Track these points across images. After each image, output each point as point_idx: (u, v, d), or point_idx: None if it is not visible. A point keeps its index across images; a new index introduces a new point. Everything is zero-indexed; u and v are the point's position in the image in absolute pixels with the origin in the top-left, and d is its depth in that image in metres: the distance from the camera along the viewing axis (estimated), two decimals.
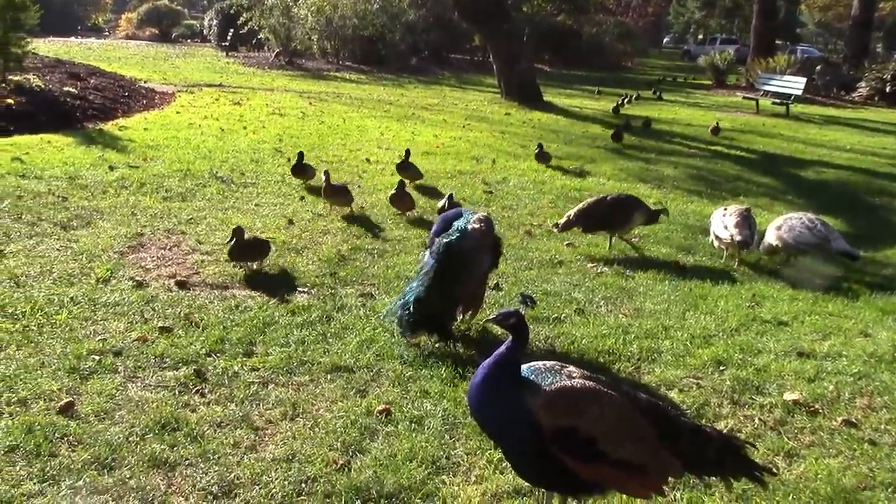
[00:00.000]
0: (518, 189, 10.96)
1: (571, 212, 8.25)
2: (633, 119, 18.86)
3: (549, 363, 3.47)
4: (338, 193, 9.05)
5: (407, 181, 9.93)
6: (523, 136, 16.20)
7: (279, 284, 6.59)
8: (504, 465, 4.02)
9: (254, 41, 36.28)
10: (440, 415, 4.60)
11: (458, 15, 27.70)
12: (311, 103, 19.82)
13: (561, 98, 24.88)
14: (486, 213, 6.04)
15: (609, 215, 8.10)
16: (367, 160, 12.41)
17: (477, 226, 5.73)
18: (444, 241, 5.62)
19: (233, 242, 6.76)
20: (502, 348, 3.38)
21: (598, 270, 7.54)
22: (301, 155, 10.38)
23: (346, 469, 3.98)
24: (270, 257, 7.07)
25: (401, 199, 9.09)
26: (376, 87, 26.77)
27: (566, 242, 8.37)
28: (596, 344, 5.74)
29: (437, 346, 5.55)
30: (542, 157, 12.93)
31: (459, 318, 5.91)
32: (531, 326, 5.88)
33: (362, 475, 3.93)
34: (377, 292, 6.54)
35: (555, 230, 8.41)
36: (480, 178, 11.56)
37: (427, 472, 4.02)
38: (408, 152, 10.95)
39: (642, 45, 50.46)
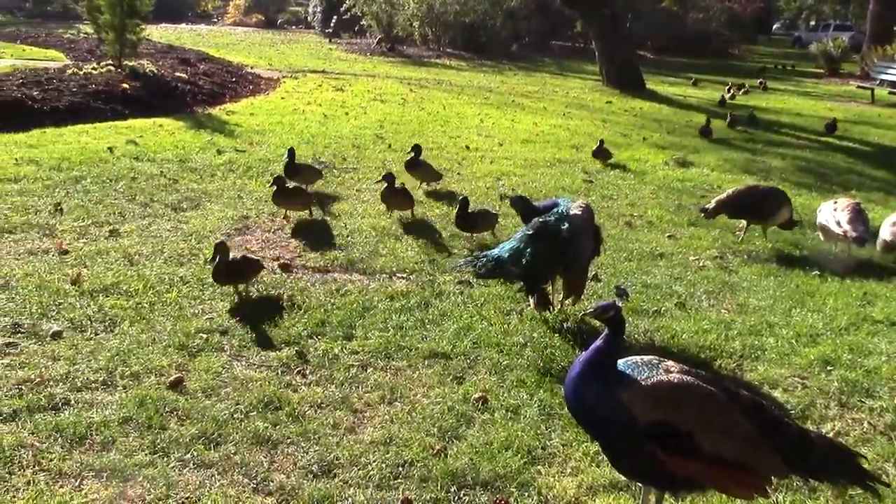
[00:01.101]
0: (618, 179, 10.81)
1: (720, 196, 8.35)
2: (737, 110, 18.31)
3: (646, 357, 3.42)
4: (397, 196, 8.16)
5: (419, 181, 9.52)
6: (625, 125, 15.96)
7: (378, 269, 6.68)
8: (601, 457, 3.99)
9: (356, 28, 36.71)
10: (536, 405, 4.59)
11: (560, 1, 27.39)
12: (411, 90, 19.96)
13: (664, 86, 24.37)
14: (585, 202, 5.99)
15: (759, 204, 8.13)
16: (467, 147, 12.44)
17: (578, 212, 5.69)
18: (541, 220, 5.64)
19: (217, 261, 5.72)
20: (599, 342, 3.35)
21: (701, 264, 7.38)
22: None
23: (442, 455, 4.02)
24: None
25: (391, 197, 8.08)
26: (476, 74, 26.75)
27: (667, 234, 8.22)
28: (697, 339, 5.63)
29: (533, 334, 5.52)
30: (601, 153, 11.76)
31: (550, 292, 5.92)
32: (630, 319, 5.85)
33: (458, 461, 3.96)
34: (475, 280, 6.56)
35: (702, 215, 8.38)
36: (580, 166, 11.44)
37: (523, 461, 4.02)
38: (417, 149, 9.45)
39: (749, 31, 48.88)
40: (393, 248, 7.22)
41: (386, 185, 8.12)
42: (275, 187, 7.63)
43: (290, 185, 8.04)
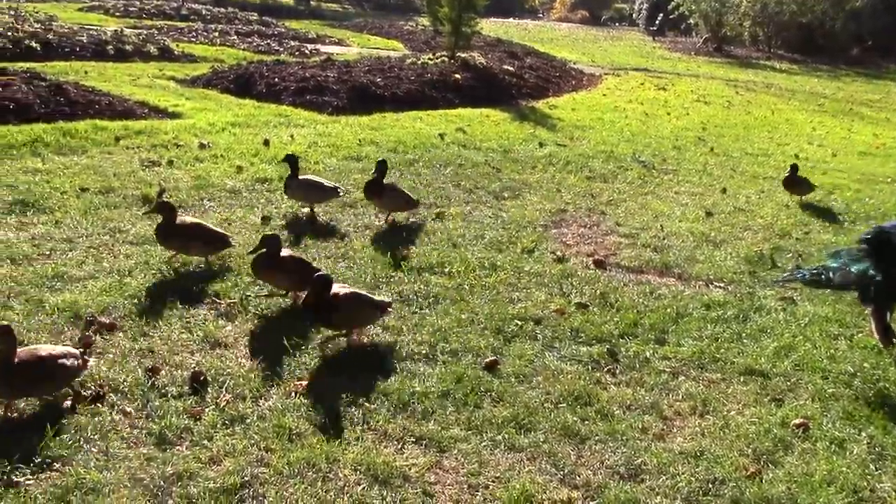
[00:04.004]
0: None
1: None
2: None
3: None
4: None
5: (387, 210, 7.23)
6: None
7: (695, 276, 6.48)
8: None
9: (682, 26, 35.85)
10: (865, 441, 4.22)
11: None
12: (737, 92, 19.15)
13: None
14: None
15: None
16: (796, 156, 11.67)
17: None
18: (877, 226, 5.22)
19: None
20: None
21: None
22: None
23: (756, 478, 3.82)
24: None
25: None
26: (809, 78, 25.10)
27: None
28: None
29: (864, 363, 5.07)
30: (794, 182, 8.99)
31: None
32: None
33: (774, 488, 3.74)
34: (799, 297, 6.16)
35: None
36: None
37: (847, 501, 3.71)
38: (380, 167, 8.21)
39: None
40: (711, 255, 6.97)
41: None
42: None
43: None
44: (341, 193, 7.22)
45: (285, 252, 5.25)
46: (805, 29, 32.48)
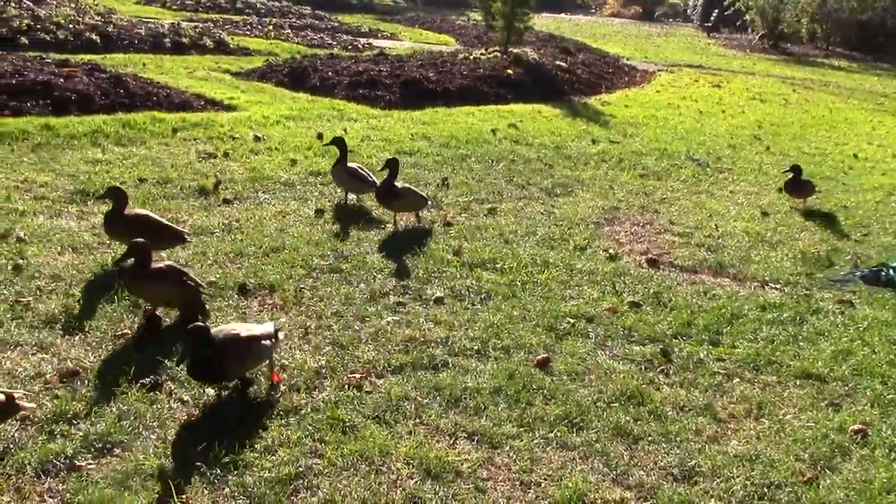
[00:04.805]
0: None
1: None
2: None
3: None
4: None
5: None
6: None
7: (750, 276, 6.40)
8: None
9: (737, 23, 35.26)
10: None
11: None
12: (794, 90, 18.81)
13: None
14: None
15: None
16: (855, 156, 11.47)
17: None
18: None
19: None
20: None
21: None
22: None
23: (813, 484, 3.76)
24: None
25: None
26: (869, 76, 24.55)
27: None
28: None
29: None
30: (797, 186, 8.50)
31: None
32: None
33: (832, 495, 3.67)
34: (857, 300, 6.04)
35: None
36: None
37: None
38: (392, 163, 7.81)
39: None
40: (767, 256, 6.87)
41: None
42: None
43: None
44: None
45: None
46: (865, 26, 31.72)
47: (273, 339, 4.16)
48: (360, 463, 3.64)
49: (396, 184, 6.71)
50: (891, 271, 5.24)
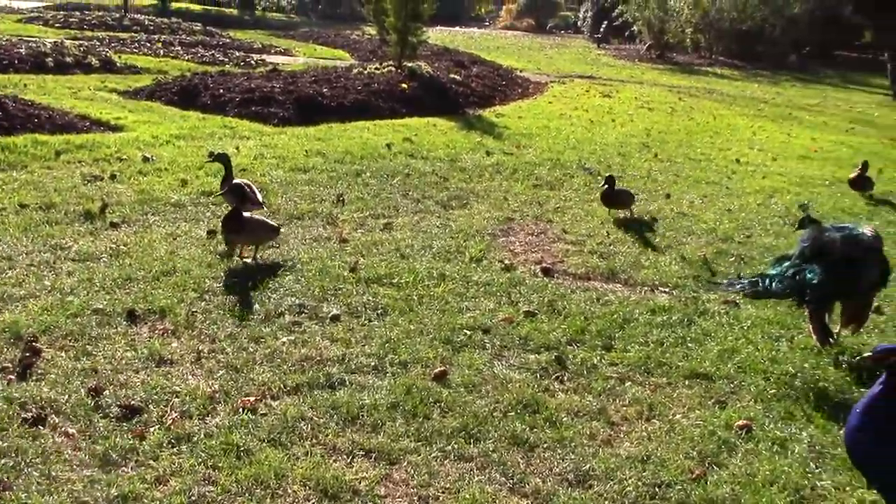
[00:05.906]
0: None
1: None
2: None
3: None
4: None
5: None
6: None
7: (640, 281, 6.58)
8: None
9: (626, 34, 36.33)
10: (806, 440, 4.32)
11: (853, 8, 25.50)
12: (680, 98, 19.47)
13: None
14: (872, 228, 5.57)
15: None
16: (737, 160, 11.94)
17: (868, 232, 5.35)
18: (825, 235, 5.36)
19: None
20: (875, 389, 3.11)
21: None
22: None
23: (701, 480, 3.88)
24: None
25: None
26: (750, 83, 25.62)
27: None
28: None
29: (804, 364, 5.19)
30: (611, 197, 8.25)
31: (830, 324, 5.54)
32: None
33: (719, 490, 3.81)
34: (741, 300, 6.28)
35: None
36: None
37: (789, 500, 3.79)
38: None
39: None
40: (656, 261, 7.07)
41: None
42: None
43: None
44: (265, 209, 7.14)
45: None
46: (745, 36, 33.09)
47: None
48: (255, 487, 3.58)
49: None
50: (767, 280, 5.47)
